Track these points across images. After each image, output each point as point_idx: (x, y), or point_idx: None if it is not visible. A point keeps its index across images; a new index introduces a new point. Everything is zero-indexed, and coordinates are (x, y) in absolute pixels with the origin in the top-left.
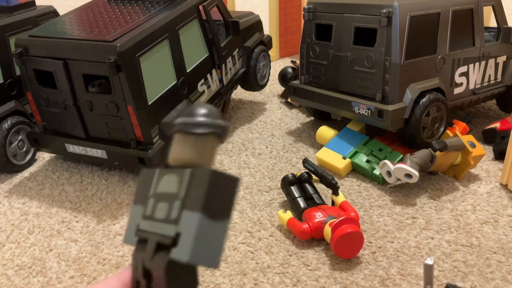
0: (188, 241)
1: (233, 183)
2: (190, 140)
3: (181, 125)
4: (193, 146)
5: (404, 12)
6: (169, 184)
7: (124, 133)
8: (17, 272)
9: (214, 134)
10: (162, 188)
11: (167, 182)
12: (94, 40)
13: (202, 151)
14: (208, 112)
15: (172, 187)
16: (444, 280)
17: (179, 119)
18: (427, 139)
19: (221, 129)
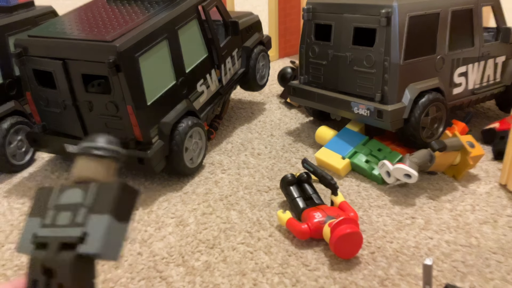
0: (98, 237)
1: (135, 193)
2: (93, 161)
3: (85, 148)
4: (95, 166)
5: (403, 12)
6: (72, 196)
7: (123, 133)
8: (16, 272)
9: (112, 158)
10: (64, 200)
11: (69, 195)
12: (93, 40)
13: (102, 170)
14: (107, 139)
15: (75, 198)
16: (443, 280)
17: (83, 144)
18: (426, 139)
19: (118, 154)
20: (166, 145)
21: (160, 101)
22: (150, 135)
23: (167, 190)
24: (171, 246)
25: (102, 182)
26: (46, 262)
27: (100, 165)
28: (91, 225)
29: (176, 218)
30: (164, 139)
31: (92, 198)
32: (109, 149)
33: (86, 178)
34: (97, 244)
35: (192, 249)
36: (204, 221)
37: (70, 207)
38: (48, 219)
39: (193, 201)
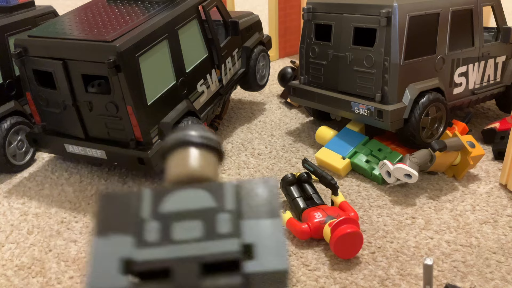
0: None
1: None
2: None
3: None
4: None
5: (403, 12)
6: (189, 200)
7: (123, 133)
8: (16, 272)
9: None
10: (173, 207)
11: (183, 199)
12: (93, 40)
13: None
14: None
15: (198, 203)
16: (444, 280)
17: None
18: (426, 139)
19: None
20: None
21: (160, 101)
22: (150, 135)
23: None
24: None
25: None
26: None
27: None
28: (253, 235)
29: None
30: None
31: (234, 201)
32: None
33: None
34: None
35: None
36: None
37: (192, 215)
38: (151, 235)
39: None
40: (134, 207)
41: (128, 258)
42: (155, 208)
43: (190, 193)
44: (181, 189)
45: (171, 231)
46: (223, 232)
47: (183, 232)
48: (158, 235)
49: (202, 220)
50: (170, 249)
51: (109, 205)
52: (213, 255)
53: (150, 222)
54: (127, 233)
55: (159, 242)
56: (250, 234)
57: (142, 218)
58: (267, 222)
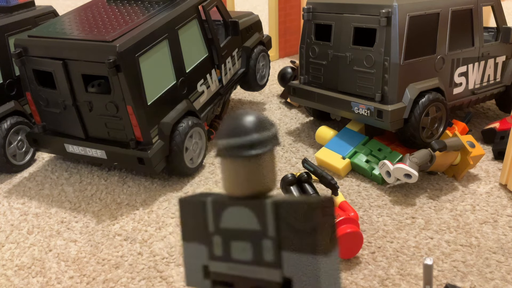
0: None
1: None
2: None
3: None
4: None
5: (403, 12)
6: (240, 218)
7: (123, 133)
8: (16, 272)
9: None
10: (230, 224)
11: (235, 216)
12: (93, 40)
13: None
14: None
15: (247, 223)
16: (444, 280)
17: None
18: (426, 139)
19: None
20: (166, 145)
21: (160, 101)
22: (150, 135)
23: (168, 190)
24: (172, 246)
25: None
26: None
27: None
28: (293, 268)
29: (176, 218)
30: (164, 139)
31: (274, 226)
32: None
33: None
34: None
35: None
36: None
37: (243, 235)
38: (217, 249)
39: None
40: (203, 217)
41: (206, 265)
42: (217, 222)
43: (240, 211)
44: (233, 205)
45: (230, 249)
46: (267, 260)
47: (238, 252)
48: (222, 251)
49: (251, 243)
50: (231, 266)
51: (186, 211)
52: (261, 281)
53: (215, 236)
54: (202, 243)
55: (224, 257)
56: (289, 267)
57: (210, 231)
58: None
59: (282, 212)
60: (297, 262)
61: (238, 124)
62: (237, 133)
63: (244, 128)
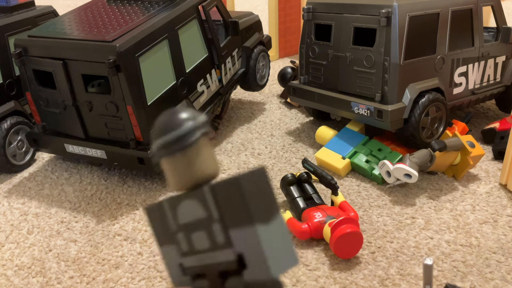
0: (260, 257)
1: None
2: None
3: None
4: (188, 162)
5: (403, 12)
6: (191, 211)
7: (123, 133)
8: (16, 272)
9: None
10: (185, 218)
11: (187, 210)
12: (93, 40)
13: (198, 158)
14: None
15: (197, 213)
16: (444, 280)
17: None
18: (426, 139)
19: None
20: None
21: (160, 101)
22: (150, 135)
23: (167, 190)
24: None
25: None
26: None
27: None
28: (240, 244)
29: None
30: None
31: (215, 208)
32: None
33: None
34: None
35: None
36: None
37: (197, 225)
38: (183, 245)
39: None
40: (164, 218)
41: (181, 264)
42: (176, 220)
43: (188, 204)
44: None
45: (192, 241)
46: (220, 243)
47: (198, 242)
48: (187, 246)
49: (204, 231)
50: (197, 258)
51: (153, 217)
52: (222, 264)
53: (178, 233)
54: (172, 243)
55: (190, 252)
56: (238, 243)
57: (173, 230)
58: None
59: (219, 193)
60: (242, 236)
61: (163, 122)
62: (164, 131)
63: (169, 124)
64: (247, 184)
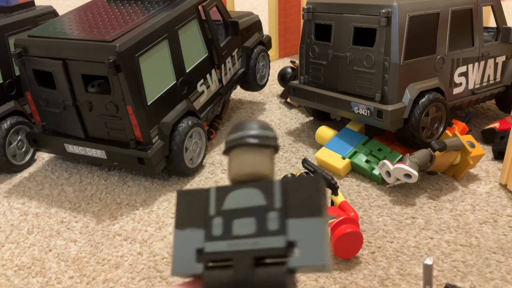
0: (318, 246)
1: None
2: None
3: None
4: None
5: (403, 12)
6: (245, 198)
7: (123, 133)
8: (16, 272)
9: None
10: (233, 204)
11: (240, 196)
12: (93, 40)
13: (269, 162)
14: (261, 125)
15: (252, 201)
16: (444, 280)
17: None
18: (426, 139)
19: (276, 141)
20: (166, 145)
21: (160, 101)
22: (150, 135)
23: (167, 190)
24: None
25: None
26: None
27: (265, 156)
28: (297, 232)
29: None
30: (164, 139)
31: (281, 199)
32: (269, 137)
33: (252, 174)
34: (320, 255)
35: None
36: None
37: (247, 212)
38: (217, 230)
39: None
40: (203, 203)
41: (201, 249)
42: (219, 206)
43: (245, 192)
44: (238, 188)
45: (232, 227)
46: (271, 229)
47: (240, 228)
48: (221, 230)
49: (255, 217)
50: (230, 243)
51: (184, 201)
52: (263, 250)
53: (216, 218)
54: (199, 227)
55: (223, 236)
56: (294, 232)
57: (210, 215)
58: (309, 221)
59: (289, 187)
60: (302, 226)
61: (243, 123)
62: (242, 128)
63: (249, 125)
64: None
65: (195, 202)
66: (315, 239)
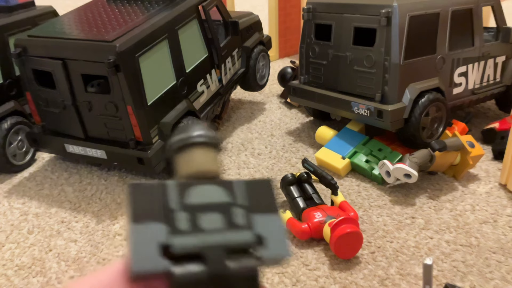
0: (281, 239)
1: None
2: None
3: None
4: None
5: (403, 12)
6: (208, 194)
7: (123, 133)
8: (16, 272)
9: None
10: (196, 200)
11: (203, 192)
12: (93, 40)
13: (216, 160)
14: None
15: (215, 197)
16: (443, 280)
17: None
18: (426, 139)
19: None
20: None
21: (160, 101)
22: (150, 135)
23: None
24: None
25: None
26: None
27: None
28: (262, 227)
29: None
30: (164, 139)
31: (244, 197)
32: (214, 137)
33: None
34: (285, 247)
35: None
36: None
37: (212, 207)
38: (182, 224)
39: None
40: (161, 197)
41: (166, 243)
42: (181, 200)
43: (207, 188)
44: (198, 184)
45: (198, 221)
46: (239, 224)
47: (207, 223)
48: (188, 224)
49: (221, 213)
50: (200, 237)
51: (138, 194)
52: (234, 243)
53: (179, 212)
54: (160, 221)
55: (190, 230)
56: (259, 227)
57: (172, 208)
58: (270, 217)
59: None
60: (264, 221)
61: (186, 125)
62: (187, 130)
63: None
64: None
65: (151, 195)
66: (278, 233)
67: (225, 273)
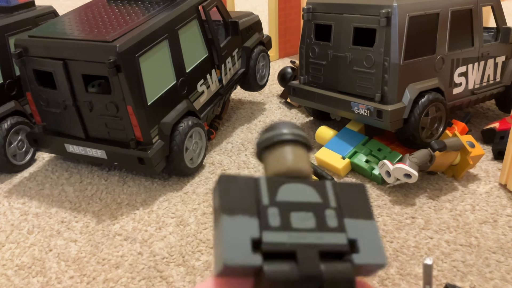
0: (377, 246)
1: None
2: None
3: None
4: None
5: (403, 12)
6: (299, 193)
7: (123, 133)
8: (16, 272)
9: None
10: (288, 197)
11: (294, 191)
12: (93, 40)
13: (308, 160)
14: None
15: (307, 197)
16: (443, 280)
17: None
18: (426, 139)
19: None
20: (166, 145)
21: (161, 101)
22: (150, 135)
23: (168, 190)
24: (172, 246)
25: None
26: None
27: (303, 153)
28: (356, 232)
29: (176, 218)
30: (164, 139)
31: (335, 199)
32: (303, 136)
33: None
34: (381, 254)
35: (192, 249)
36: (204, 221)
37: (304, 206)
38: (274, 221)
39: (193, 201)
40: (253, 191)
41: (258, 238)
42: (273, 196)
43: (299, 187)
44: (290, 182)
45: (290, 219)
46: (332, 226)
47: (300, 221)
48: (280, 222)
49: (313, 213)
50: (292, 235)
51: (229, 186)
52: (329, 245)
53: (271, 208)
54: (253, 215)
55: (282, 228)
56: (352, 231)
57: (264, 204)
58: (365, 223)
59: (340, 189)
60: (359, 226)
61: (275, 124)
62: (276, 128)
63: (282, 125)
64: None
65: (242, 189)
66: (374, 239)
67: (318, 275)
